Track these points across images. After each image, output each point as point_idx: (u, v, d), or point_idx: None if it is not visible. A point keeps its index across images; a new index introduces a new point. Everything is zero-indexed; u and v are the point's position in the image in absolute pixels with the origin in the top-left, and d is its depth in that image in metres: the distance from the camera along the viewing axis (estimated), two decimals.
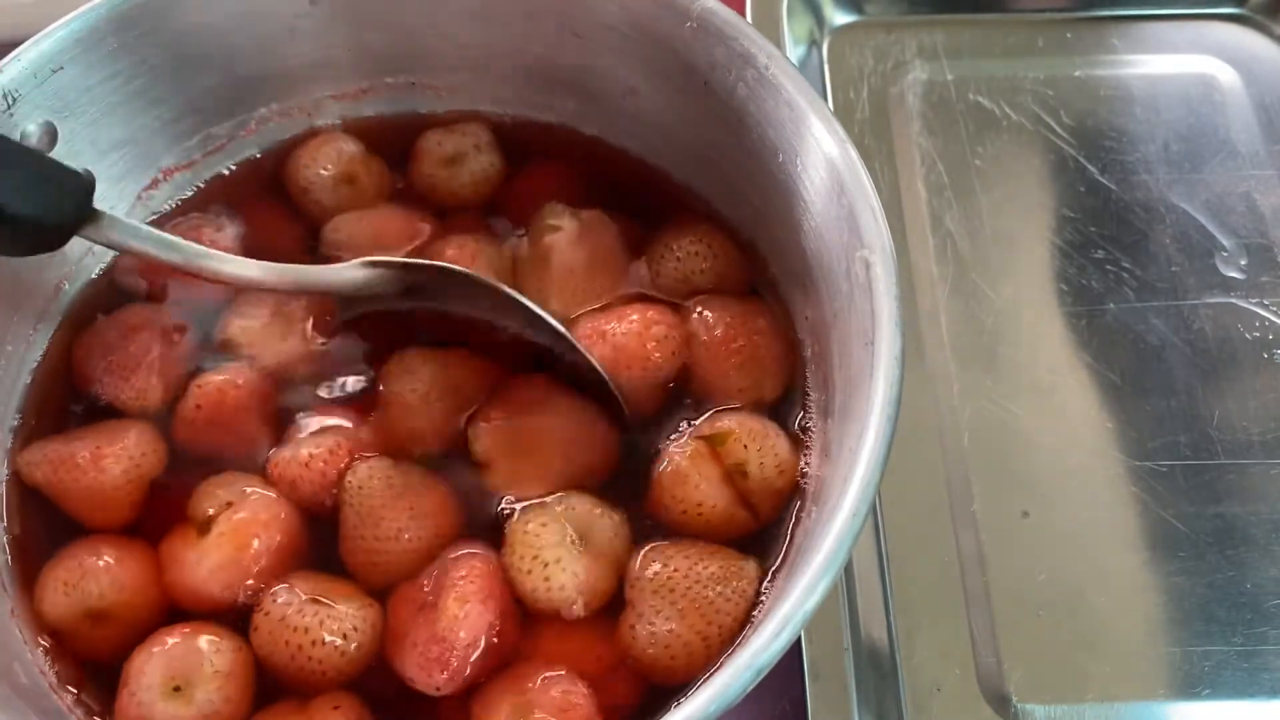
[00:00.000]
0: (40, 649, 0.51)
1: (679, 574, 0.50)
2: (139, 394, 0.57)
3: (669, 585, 0.50)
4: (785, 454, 0.54)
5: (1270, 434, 0.68)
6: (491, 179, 0.64)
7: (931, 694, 0.59)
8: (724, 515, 0.53)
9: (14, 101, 0.53)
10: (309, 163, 0.63)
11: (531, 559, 0.50)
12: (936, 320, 0.72)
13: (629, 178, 0.64)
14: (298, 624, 0.49)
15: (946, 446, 0.67)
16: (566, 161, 0.65)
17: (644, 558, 0.52)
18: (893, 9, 0.86)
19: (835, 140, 0.50)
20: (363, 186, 0.63)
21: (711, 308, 0.58)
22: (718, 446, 0.54)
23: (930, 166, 0.78)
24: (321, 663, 0.49)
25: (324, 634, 0.49)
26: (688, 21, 0.55)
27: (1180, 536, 0.64)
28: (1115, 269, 0.74)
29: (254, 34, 0.60)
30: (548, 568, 0.50)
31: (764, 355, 0.57)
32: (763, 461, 0.53)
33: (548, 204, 0.61)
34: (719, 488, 0.53)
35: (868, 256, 0.47)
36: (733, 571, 0.51)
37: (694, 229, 0.61)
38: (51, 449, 0.55)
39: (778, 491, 0.53)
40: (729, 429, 0.54)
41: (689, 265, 0.60)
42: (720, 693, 0.39)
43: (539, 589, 0.50)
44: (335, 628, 0.49)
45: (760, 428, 0.54)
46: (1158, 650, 0.61)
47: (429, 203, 0.64)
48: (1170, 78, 0.83)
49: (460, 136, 0.64)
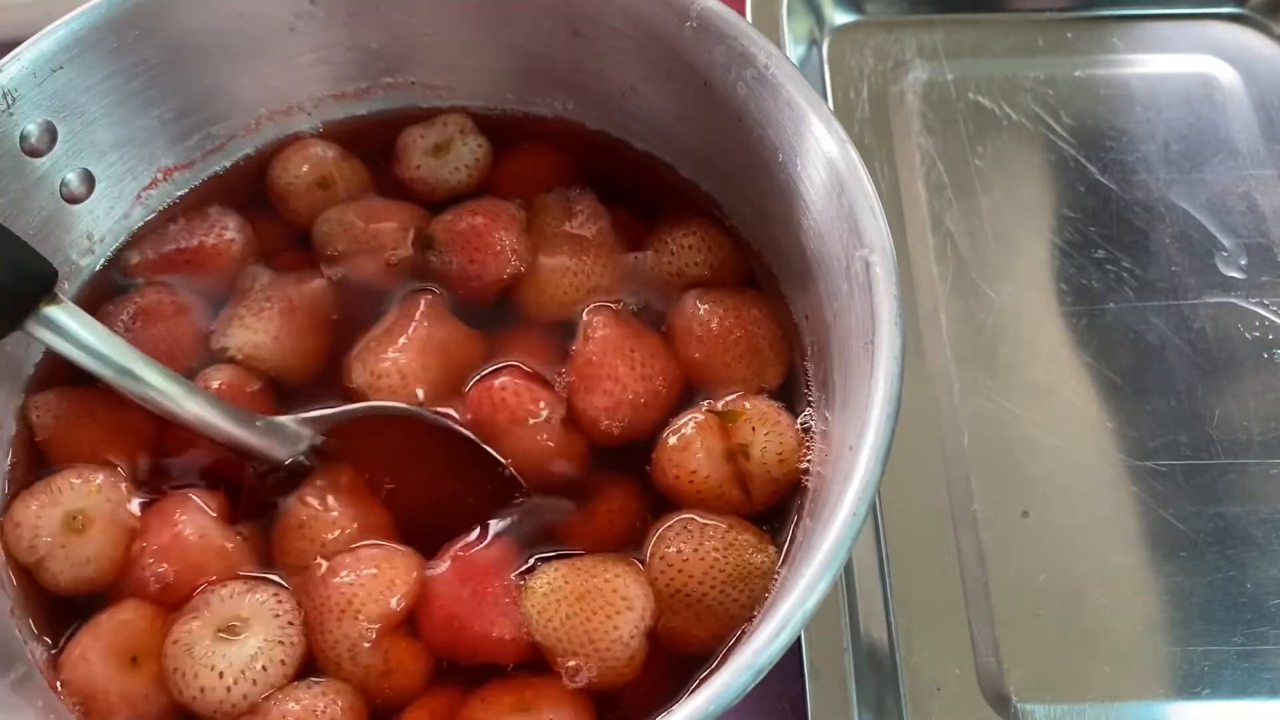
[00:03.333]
0: (40, 648, 0.51)
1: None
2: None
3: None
4: (790, 444, 0.54)
5: (1270, 434, 0.68)
6: (481, 161, 0.64)
7: (931, 694, 0.59)
8: (716, 489, 0.53)
9: (14, 101, 0.53)
10: (282, 170, 0.63)
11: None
12: (936, 320, 0.72)
13: (628, 170, 0.64)
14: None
15: (946, 446, 0.67)
16: (558, 145, 0.65)
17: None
18: (893, 9, 0.86)
19: (835, 140, 0.50)
20: (337, 190, 0.63)
21: (707, 300, 0.58)
22: (728, 424, 0.54)
23: (930, 166, 0.78)
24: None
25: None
26: (688, 21, 0.55)
27: (1180, 536, 0.64)
28: (1115, 269, 0.74)
29: (254, 34, 0.60)
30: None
31: (762, 345, 0.57)
32: (766, 446, 0.53)
33: (544, 191, 0.61)
34: (718, 461, 0.53)
35: (868, 256, 0.47)
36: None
37: (688, 222, 0.61)
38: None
39: (774, 479, 0.54)
40: (742, 409, 0.55)
41: (684, 259, 0.60)
42: (720, 693, 0.39)
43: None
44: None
45: (773, 414, 0.55)
46: (1158, 650, 0.61)
47: (419, 198, 0.63)
48: (1170, 77, 0.83)
49: (442, 127, 0.64)
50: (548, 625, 0.49)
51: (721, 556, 0.51)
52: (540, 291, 0.60)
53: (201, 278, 0.61)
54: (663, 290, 0.60)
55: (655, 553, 0.52)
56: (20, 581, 0.53)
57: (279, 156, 0.64)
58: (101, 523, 0.53)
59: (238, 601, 0.51)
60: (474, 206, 0.61)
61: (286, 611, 0.51)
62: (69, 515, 0.52)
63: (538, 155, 0.65)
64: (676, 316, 0.58)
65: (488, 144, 0.64)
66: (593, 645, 0.49)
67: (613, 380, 0.55)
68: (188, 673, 0.49)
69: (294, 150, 0.64)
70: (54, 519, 0.52)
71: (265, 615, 0.50)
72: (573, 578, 0.50)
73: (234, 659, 0.49)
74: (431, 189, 0.63)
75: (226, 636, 0.49)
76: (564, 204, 0.62)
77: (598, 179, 0.63)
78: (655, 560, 0.52)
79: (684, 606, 0.51)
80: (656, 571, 0.51)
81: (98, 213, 0.60)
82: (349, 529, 0.53)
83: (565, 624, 0.49)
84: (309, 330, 0.59)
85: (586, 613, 0.49)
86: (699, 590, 0.50)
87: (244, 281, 0.60)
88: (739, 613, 0.50)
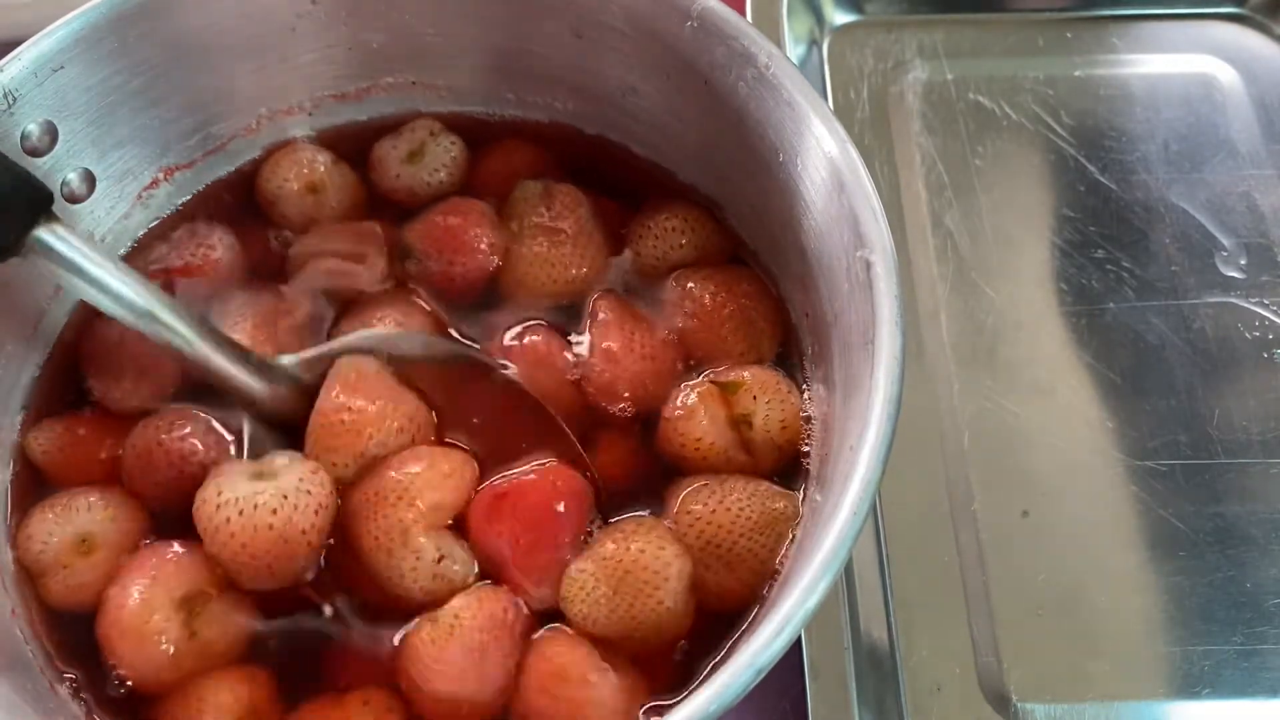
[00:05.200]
0: (41, 648, 0.51)
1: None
2: (126, 395, 0.57)
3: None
4: (791, 410, 0.55)
5: (1270, 433, 0.68)
6: (458, 159, 0.64)
7: (931, 694, 0.59)
8: (722, 455, 0.54)
9: (14, 101, 0.53)
10: (271, 175, 0.63)
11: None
12: (936, 320, 0.72)
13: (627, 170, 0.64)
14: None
15: (946, 446, 0.67)
16: (540, 138, 0.65)
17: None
18: (893, 8, 0.86)
19: (835, 140, 0.50)
20: (327, 196, 0.63)
21: (695, 279, 0.59)
22: (730, 394, 0.55)
23: (930, 166, 0.78)
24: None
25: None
26: (688, 21, 0.55)
27: (1180, 536, 0.64)
28: (1115, 268, 0.74)
29: (254, 33, 0.60)
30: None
31: (755, 316, 0.58)
32: (768, 414, 0.54)
33: (521, 182, 0.62)
34: (722, 429, 0.54)
35: (868, 256, 0.47)
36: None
37: (669, 206, 0.61)
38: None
39: (778, 446, 0.54)
40: (742, 379, 0.55)
41: (667, 241, 0.60)
42: (720, 692, 0.39)
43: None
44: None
45: (773, 381, 0.55)
46: (1158, 650, 0.61)
47: (402, 207, 0.63)
48: (1170, 77, 0.83)
49: (411, 133, 0.64)
50: (595, 625, 0.50)
51: (747, 504, 0.52)
52: (521, 284, 0.60)
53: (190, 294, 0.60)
54: (649, 274, 0.60)
55: (682, 509, 0.53)
56: (23, 585, 0.53)
57: (268, 161, 0.64)
58: (107, 550, 0.52)
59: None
60: (444, 208, 0.62)
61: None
62: (79, 537, 0.52)
63: (518, 149, 0.65)
64: (668, 295, 0.59)
65: (460, 142, 0.64)
66: (644, 625, 0.50)
67: (617, 363, 0.56)
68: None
69: (283, 155, 0.63)
70: (64, 537, 0.52)
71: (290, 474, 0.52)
72: (602, 572, 0.50)
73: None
74: (414, 194, 0.63)
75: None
76: (542, 194, 0.61)
77: (590, 176, 0.63)
78: (683, 516, 0.52)
79: (715, 558, 0.51)
80: (685, 527, 0.52)
81: (99, 213, 0.60)
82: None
83: (610, 618, 0.50)
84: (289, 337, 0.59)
85: (628, 601, 0.50)
86: (729, 540, 0.51)
87: (219, 305, 0.59)
88: (767, 558, 0.51)
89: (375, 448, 0.53)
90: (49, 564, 0.52)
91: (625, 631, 0.50)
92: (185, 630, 0.50)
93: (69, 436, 0.56)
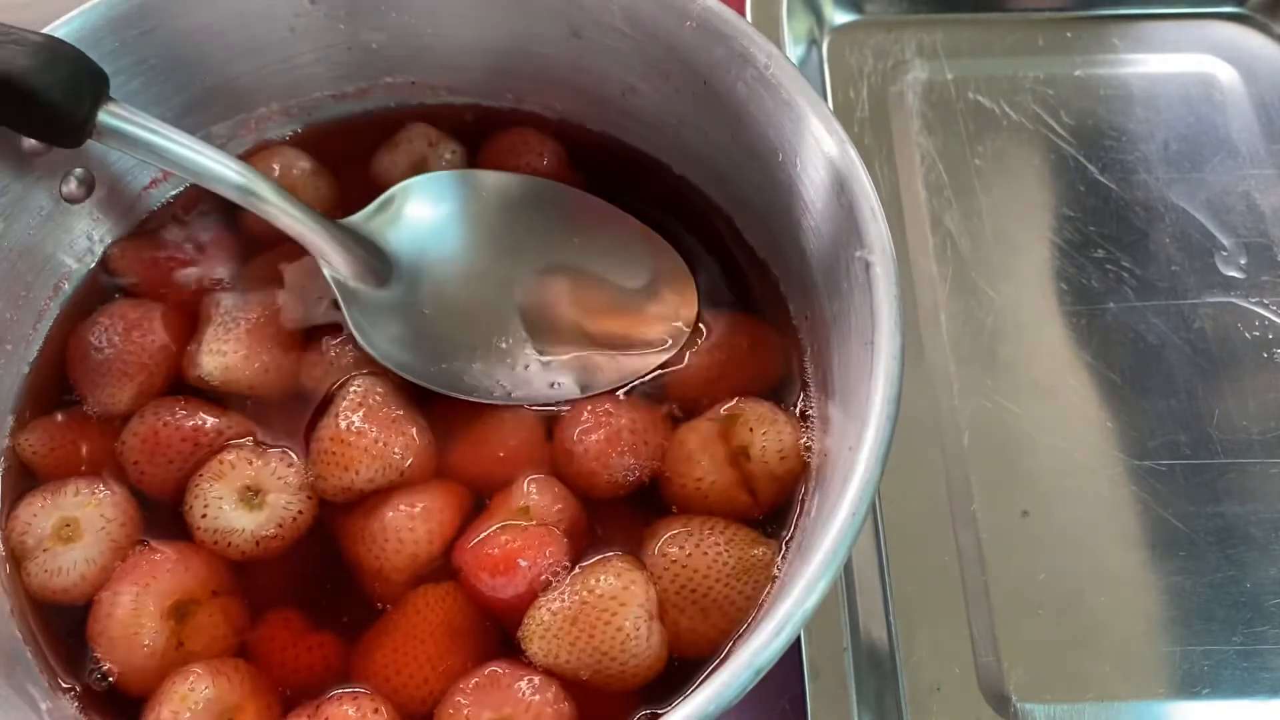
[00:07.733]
0: (41, 648, 0.51)
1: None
2: (109, 398, 0.57)
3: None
4: (788, 440, 0.54)
5: (1270, 433, 0.68)
6: (464, 159, 0.64)
7: (931, 694, 0.59)
8: (724, 494, 0.53)
9: None
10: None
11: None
12: (936, 320, 0.72)
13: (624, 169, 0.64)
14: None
15: (946, 446, 0.67)
16: (538, 130, 0.65)
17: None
18: (892, 8, 0.86)
19: (835, 140, 0.50)
20: (306, 198, 0.61)
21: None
22: (728, 429, 0.54)
23: (930, 166, 0.78)
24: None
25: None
26: (688, 21, 0.55)
27: (1180, 536, 0.64)
28: (1115, 268, 0.74)
29: (254, 34, 0.60)
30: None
31: (753, 363, 0.58)
32: (765, 445, 0.53)
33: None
34: (722, 467, 0.54)
35: (868, 256, 0.47)
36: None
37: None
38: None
39: (777, 478, 0.54)
40: (739, 412, 0.55)
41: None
42: (719, 692, 0.39)
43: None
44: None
45: (769, 413, 0.55)
46: (1157, 650, 0.61)
47: None
48: (1170, 77, 0.83)
49: (409, 144, 0.64)
50: (561, 663, 0.49)
51: (724, 550, 0.51)
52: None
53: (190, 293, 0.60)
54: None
55: (658, 552, 0.52)
56: (18, 581, 0.53)
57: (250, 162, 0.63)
58: (89, 538, 0.52)
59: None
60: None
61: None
62: (63, 521, 0.52)
63: (519, 142, 0.64)
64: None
65: (460, 146, 0.64)
66: (608, 656, 0.49)
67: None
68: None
69: (260, 159, 0.63)
70: (47, 521, 0.52)
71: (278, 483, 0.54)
72: (560, 605, 0.50)
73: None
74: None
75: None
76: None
77: (586, 170, 0.64)
78: (659, 559, 0.51)
79: (690, 604, 0.51)
80: (661, 570, 0.51)
81: (97, 213, 0.60)
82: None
83: (572, 651, 0.49)
84: (279, 341, 0.58)
85: (587, 632, 0.49)
86: (704, 585, 0.50)
87: (207, 309, 0.59)
88: (744, 605, 0.50)
89: (370, 478, 0.53)
90: (30, 548, 0.52)
91: (590, 664, 0.49)
92: (173, 640, 0.50)
93: (60, 436, 0.56)
